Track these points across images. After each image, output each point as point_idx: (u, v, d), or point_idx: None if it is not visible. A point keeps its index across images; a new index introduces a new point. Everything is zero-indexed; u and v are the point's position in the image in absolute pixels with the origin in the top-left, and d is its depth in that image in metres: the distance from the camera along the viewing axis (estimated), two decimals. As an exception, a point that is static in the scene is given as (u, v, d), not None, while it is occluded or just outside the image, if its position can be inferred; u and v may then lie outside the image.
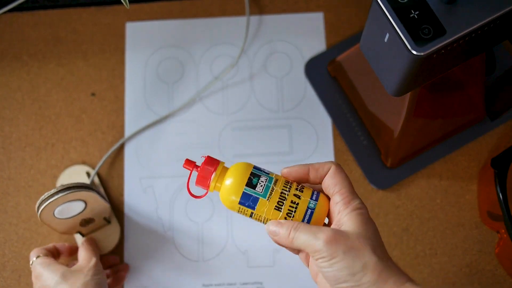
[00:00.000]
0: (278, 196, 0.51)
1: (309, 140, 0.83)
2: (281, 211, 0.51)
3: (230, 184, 0.52)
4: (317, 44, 0.86)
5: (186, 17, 0.87)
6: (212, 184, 0.53)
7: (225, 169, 0.54)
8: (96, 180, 0.81)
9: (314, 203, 0.52)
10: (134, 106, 0.84)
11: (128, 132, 0.83)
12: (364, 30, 0.60)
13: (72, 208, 0.70)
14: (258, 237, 0.79)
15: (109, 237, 0.78)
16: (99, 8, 0.87)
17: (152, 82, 0.85)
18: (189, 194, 0.55)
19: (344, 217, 0.50)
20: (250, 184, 0.52)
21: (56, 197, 0.67)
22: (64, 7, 0.87)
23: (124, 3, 0.75)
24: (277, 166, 0.81)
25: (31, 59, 0.85)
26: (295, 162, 0.82)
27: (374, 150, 0.81)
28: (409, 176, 0.81)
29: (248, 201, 0.52)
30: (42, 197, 0.68)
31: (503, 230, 0.76)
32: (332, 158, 0.81)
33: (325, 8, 0.87)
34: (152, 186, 0.81)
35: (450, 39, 0.54)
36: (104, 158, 0.81)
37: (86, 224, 0.76)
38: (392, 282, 0.48)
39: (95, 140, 0.83)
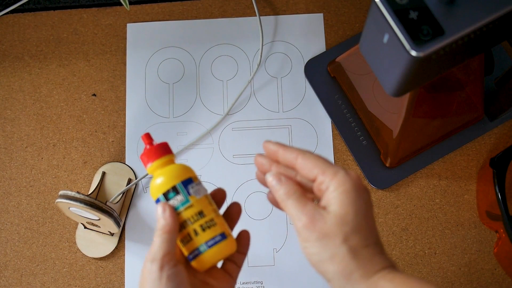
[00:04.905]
0: (179, 222, 0.53)
1: (309, 140, 0.83)
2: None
3: (155, 182, 0.54)
4: (317, 45, 0.86)
5: (187, 18, 0.87)
6: (148, 169, 0.55)
7: (168, 163, 0.55)
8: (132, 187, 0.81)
9: (204, 248, 0.53)
10: (135, 106, 0.84)
11: (128, 131, 0.83)
12: (364, 31, 0.61)
13: (87, 214, 0.73)
14: (258, 237, 0.80)
15: (105, 245, 0.79)
16: (100, 9, 0.87)
17: (152, 82, 0.85)
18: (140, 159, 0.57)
19: (330, 194, 0.50)
20: (167, 195, 0.54)
21: (78, 203, 0.70)
22: (65, 8, 0.87)
23: (124, 5, 0.76)
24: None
25: (33, 59, 0.86)
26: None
27: (373, 150, 0.82)
28: (408, 176, 0.81)
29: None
30: (69, 193, 0.71)
31: (501, 230, 0.76)
32: (332, 158, 0.82)
33: (325, 9, 0.87)
34: (152, 186, 0.82)
35: (449, 40, 0.54)
36: (144, 175, 0.81)
37: (91, 224, 0.78)
38: (358, 275, 0.48)
39: (96, 140, 0.83)
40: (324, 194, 0.50)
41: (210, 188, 0.80)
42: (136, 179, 0.81)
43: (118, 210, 0.78)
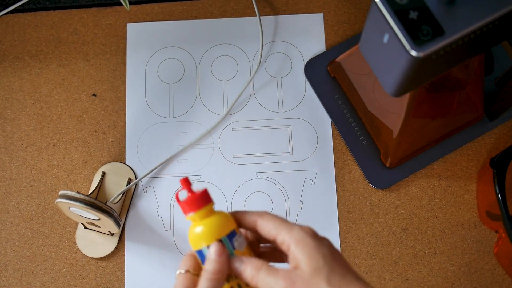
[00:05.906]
0: None
1: (309, 140, 0.83)
2: None
3: (198, 232, 0.52)
4: (317, 45, 0.86)
5: (187, 18, 0.87)
6: (189, 217, 0.53)
7: (209, 213, 0.53)
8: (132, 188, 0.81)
9: None
10: (135, 106, 0.84)
11: (128, 131, 0.83)
12: (363, 31, 0.61)
13: (87, 214, 0.73)
14: (258, 237, 0.80)
15: (105, 245, 0.79)
16: (100, 9, 0.87)
17: (152, 82, 0.85)
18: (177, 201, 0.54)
19: (293, 251, 0.50)
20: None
21: (78, 203, 0.70)
22: (65, 8, 0.87)
23: (124, 5, 0.76)
24: (277, 166, 0.82)
25: (33, 59, 0.86)
26: (295, 162, 0.82)
27: (373, 150, 0.82)
28: (408, 176, 0.81)
29: (201, 257, 0.52)
30: (69, 193, 0.71)
31: (501, 230, 0.76)
32: (332, 158, 0.82)
33: (325, 9, 0.87)
34: (152, 186, 0.82)
35: (449, 40, 0.54)
36: (146, 173, 0.81)
37: (91, 224, 0.78)
38: None
39: (96, 140, 0.83)
40: (288, 253, 0.51)
41: (209, 187, 0.80)
42: (136, 179, 0.81)
43: (118, 210, 0.78)
